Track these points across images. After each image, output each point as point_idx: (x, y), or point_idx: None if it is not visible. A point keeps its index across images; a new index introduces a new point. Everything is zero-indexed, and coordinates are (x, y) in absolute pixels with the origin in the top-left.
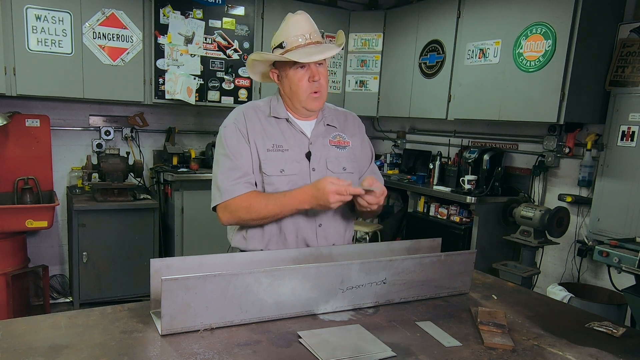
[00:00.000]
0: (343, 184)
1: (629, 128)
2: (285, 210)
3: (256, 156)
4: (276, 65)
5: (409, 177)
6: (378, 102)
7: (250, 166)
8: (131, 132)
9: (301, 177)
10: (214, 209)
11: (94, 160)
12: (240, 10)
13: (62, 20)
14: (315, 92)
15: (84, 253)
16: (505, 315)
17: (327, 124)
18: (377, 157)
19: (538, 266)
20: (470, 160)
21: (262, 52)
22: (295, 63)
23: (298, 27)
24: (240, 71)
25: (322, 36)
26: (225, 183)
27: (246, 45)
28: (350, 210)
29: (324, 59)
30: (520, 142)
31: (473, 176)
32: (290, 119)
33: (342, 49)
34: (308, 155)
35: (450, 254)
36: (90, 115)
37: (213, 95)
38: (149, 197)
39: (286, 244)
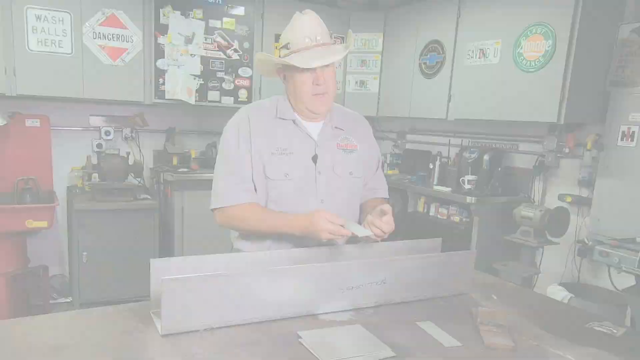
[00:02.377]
0: (338, 227)
1: (628, 128)
2: (276, 231)
3: (259, 160)
4: (283, 65)
5: (409, 177)
6: (378, 102)
7: (250, 171)
8: (131, 132)
9: (306, 181)
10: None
11: (94, 161)
12: (240, 10)
13: (62, 21)
14: (320, 95)
15: (84, 253)
16: (505, 315)
17: (335, 127)
18: None
19: (538, 266)
20: (470, 160)
21: (267, 54)
22: None
23: (305, 28)
24: (240, 71)
25: (330, 36)
26: (222, 188)
27: (246, 45)
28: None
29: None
30: (520, 142)
31: (473, 176)
32: (297, 120)
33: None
34: (314, 159)
35: (450, 254)
36: (90, 115)
37: (213, 95)
38: (149, 197)
39: (286, 245)
